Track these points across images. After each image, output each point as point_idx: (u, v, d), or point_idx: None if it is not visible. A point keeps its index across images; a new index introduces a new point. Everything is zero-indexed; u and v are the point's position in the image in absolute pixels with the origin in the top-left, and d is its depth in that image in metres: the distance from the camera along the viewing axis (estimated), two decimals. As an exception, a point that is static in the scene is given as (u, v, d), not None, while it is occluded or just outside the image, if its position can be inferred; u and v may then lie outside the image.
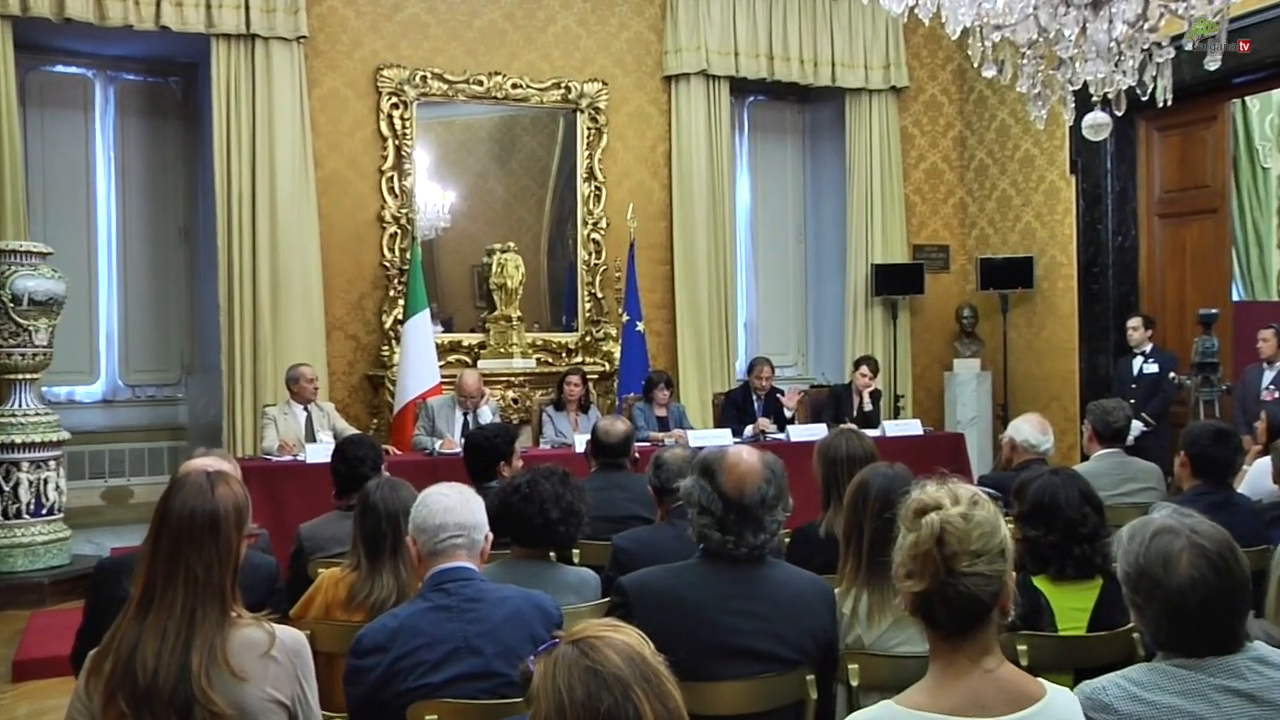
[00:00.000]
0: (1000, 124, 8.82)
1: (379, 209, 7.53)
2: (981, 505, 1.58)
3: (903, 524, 1.60)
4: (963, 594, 1.52)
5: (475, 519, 2.26)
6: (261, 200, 7.01)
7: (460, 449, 5.70)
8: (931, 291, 8.94)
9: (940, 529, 1.54)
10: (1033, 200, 8.55)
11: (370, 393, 7.52)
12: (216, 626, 1.83)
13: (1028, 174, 8.58)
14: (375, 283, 7.55)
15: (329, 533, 3.37)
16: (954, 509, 1.56)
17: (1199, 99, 7.06)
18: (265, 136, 7.01)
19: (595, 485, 3.67)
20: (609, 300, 8.16)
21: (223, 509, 1.88)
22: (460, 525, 2.22)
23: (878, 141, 8.76)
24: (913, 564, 1.54)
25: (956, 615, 1.54)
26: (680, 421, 6.90)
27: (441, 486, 2.30)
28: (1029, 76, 3.66)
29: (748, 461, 2.26)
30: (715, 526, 2.22)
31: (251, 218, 7.00)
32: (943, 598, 1.53)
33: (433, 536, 2.21)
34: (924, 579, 1.54)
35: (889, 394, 8.52)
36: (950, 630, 1.55)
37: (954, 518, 1.55)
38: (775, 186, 9.39)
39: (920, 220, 9.13)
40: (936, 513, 1.56)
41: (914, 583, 1.54)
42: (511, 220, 8.13)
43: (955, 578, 1.53)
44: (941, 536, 1.53)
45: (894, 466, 2.61)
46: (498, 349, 7.58)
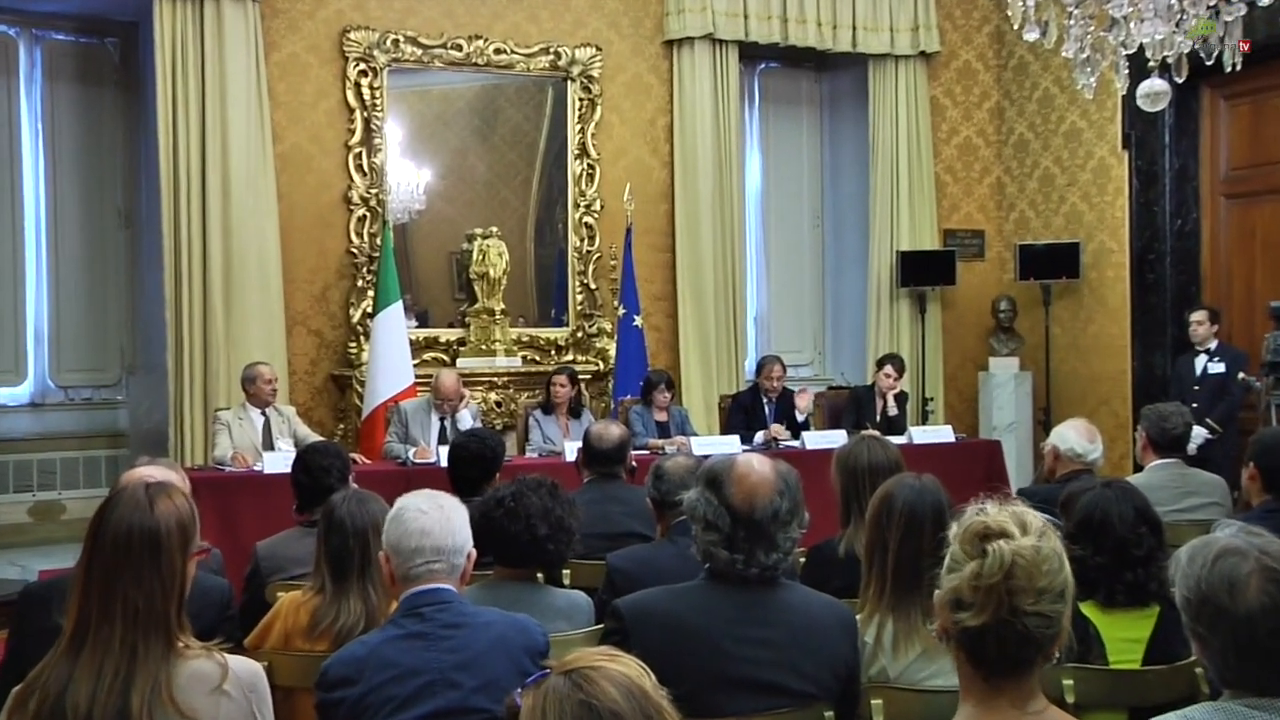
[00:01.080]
0: (1043, 93, 8.82)
1: (345, 189, 7.52)
2: (1048, 536, 1.58)
3: (960, 547, 1.59)
4: (1019, 634, 1.52)
5: (456, 540, 2.24)
6: (212, 179, 6.99)
7: (436, 458, 5.76)
8: (964, 282, 8.93)
9: (1011, 561, 1.53)
10: (1079, 179, 8.55)
11: (336, 395, 7.50)
12: (161, 661, 1.81)
13: (1074, 150, 8.57)
14: (341, 272, 7.54)
15: (289, 552, 3.36)
16: (1025, 539, 1.56)
17: (1273, 62, 7.01)
18: (216, 107, 6.99)
19: (588, 498, 3.68)
20: (603, 292, 8.15)
21: (164, 527, 1.86)
22: (438, 550, 2.21)
23: (904, 114, 8.75)
24: (973, 595, 1.53)
25: (1009, 656, 1.53)
26: (682, 427, 6.90)
27: (418, 498, 2.28)
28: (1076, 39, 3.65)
29: (759, 472, 2.27)
30: (722, 544, 2.22)
31: (201, 198, 6.99)
32: (998, 636, 1.52)
33: (406, 560, 2.21)
34: (984, 613, 1.52)
35: (916, 397, 8.51)
36: (996, 670, 1.54)
37: (1026, 549, 1.54)
38: (789, 164, 9.38)
39: (952, 202, 9.12)
40: (1005, 541, 1.55)
41: (969, 615, 1.53)
42: (494, 202, 8.11)
43: (1017, 616, 1.52)
44: (1011, 569, 1.53)
45: (922, 478, 2.60)
46: (479, 346, 7.57)
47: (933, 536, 2.35)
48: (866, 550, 2.55)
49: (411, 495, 2.30)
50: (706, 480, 2.29)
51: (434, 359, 7.61)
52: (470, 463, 3.89)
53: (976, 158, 9.16)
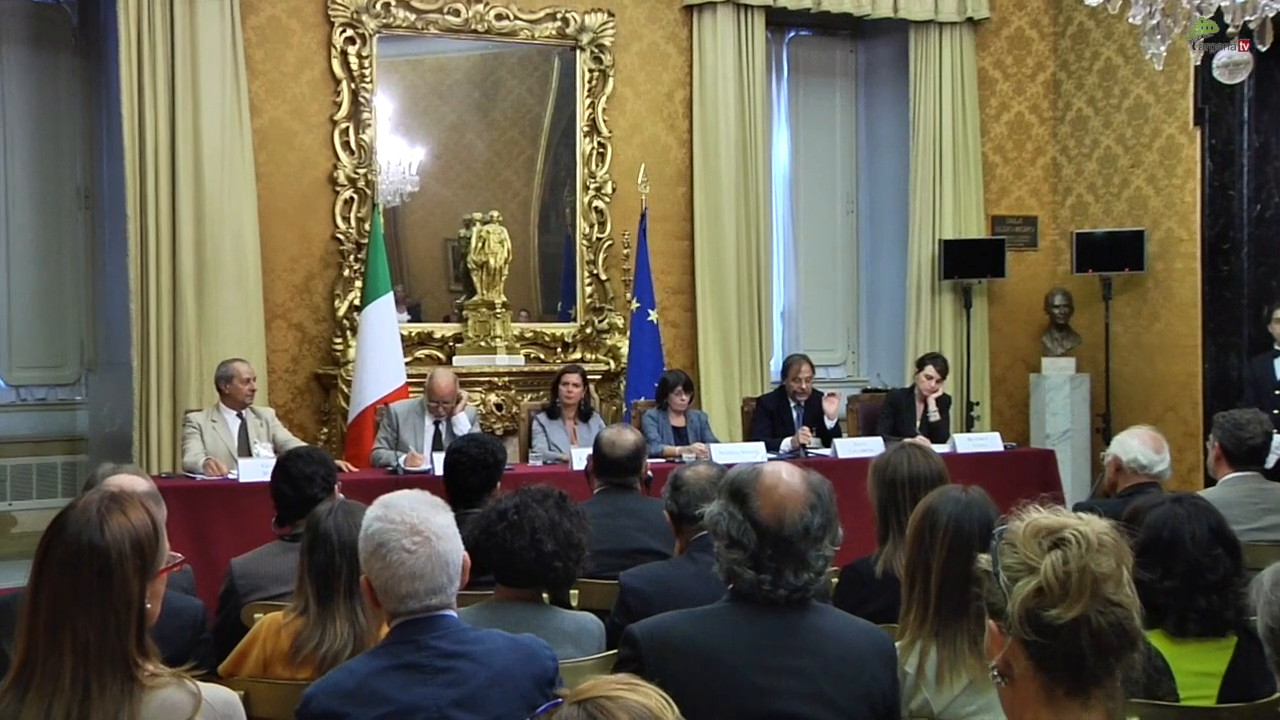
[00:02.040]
0: (1105, 64, 8.78)
1: (330, 169, 7.52)
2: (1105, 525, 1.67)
3: (1024, 551, 1.63)
4: (1114, 624, 1.58)
5: (450, 571, 2.20)
6: (183, 156, 7.00)
7: (430, 465, 5.76)
8: (1015, 274, 8.90)
9: (1097, 542, 1.61)
10: (1145, 160, 8.50)
11: (319, 396, 7.52)
12: (120, 698, 1.79)
13: (1139, 127, 8.53)
14: (326, 260, 7.55)
15: (268, 569, 3.37)
16: (1087, 527, 1.63)
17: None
18: (186, 75, 7.00)
19: (598, 510, 3.65)
20: (615, 283, 8.15)
21: (115, 550, 1.83)
22: (431, 590, 2.17)
23: (949, 87, 8.72)
24: (1062, 587, 1.58)
25: (1106, 648, 1.58)
26: (702, 433, 6.89)
27: (402, 524, 2.17)
28: (1144, 3, 3.62)
29: (787, 483, 2.26)
30: (748, 563, 2.22)
31: (170, 178, 7.00)
32: (1092, 629, 1.57)
33: (396, 602, 2.18)
34: (1078, 602, 1.58)
35: (960, 401, 8.49)
36: (1085, 675, 1.59)
37: (1103, 531, 1.62)
38: (821, 143, 9.35)
39: (1001, 186, 9.09)
40: (1073, 530, 1.62)
41: (1061, 610, 1.58)
42: (495, 184, 8.11)
43: (1108, 605, 1.58)
44: (1098, 551, 1.60)
45: (968, 490, 2.60)
46: (477, 342, 7.57)
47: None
48: (907, 570, 2.54)
49: (387, 513, 2.20)
50: (730, 492, 2.29)
51: (428, 357, 7.61)
52: (470, 470, 3.88)
53: (1029, 136, 9.13)
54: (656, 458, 6.10)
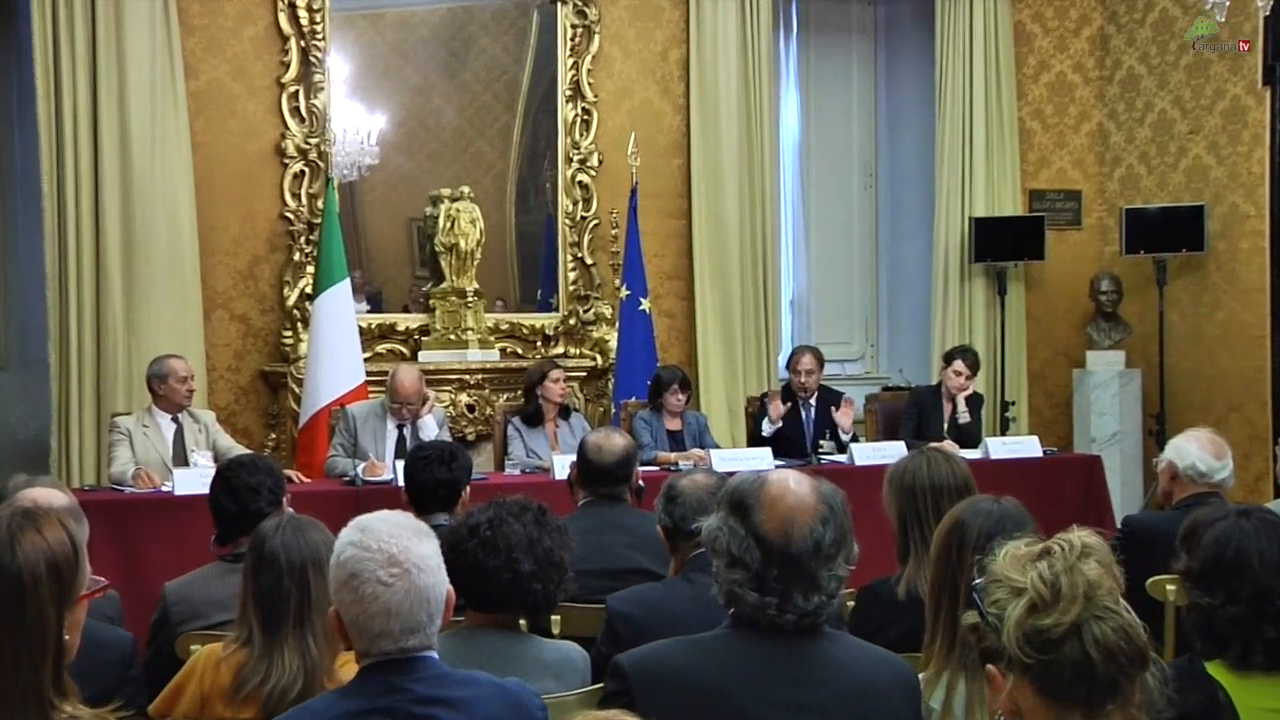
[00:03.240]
0: (1160, 14, 8.79)
1: (278, 138, 7.50)
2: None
3: (1007, 578, 1.72)
4: (1117, 630, 1.67)
5: (432, 607, 2.17)
6: (106, 124, 6.97)
7: (393, 475, 5.75)
8: (1056, 256, 8.91)
9: (1080, 549, 1.71)
10: (1206, 125, 8.51)
11: (266, 396, 7.50)
12: None
13: (1199, 88, 8.54)
14: (273, 242, 7.54)
15: (207, 593, 3.36)
16: (1072, 536, 1.74)
17: None
18: (110, 32, 6.96)
19: (583, 525, 3.67)
20: (602, 268, 8.14)
21: (27, 573, 1.82)
22: (410, 630, 2.15)
23: (981, 44, 8.72)
24: (1051, 592, 1.68)
25: (1113, 654, 1.66)
26: (700, 437, 6.90)
27: (377, 553, 2.15)
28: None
29: (795, 493, 2.26)
30: (751, 584, 2.22)
31: (92, 148, 6.97)
32: (1095, 635, 1.66)
33: (370, 642, 2.16)
34: (1073, 606, 1.66)
35: (993, 400, 8.49)
36: (1098, 686, 1.66)
37: (1090, 542, 1.73)
38: (835, 109, 9.35)
39: (1041, 155, 9.09)
40: (1055, 542, 1.72)
41: (1055, 616, 1.66)
42: (465, 156, 8.09)
43: (1106, 613, 1.67)
44: (1084, 555, 1.71)
45: (1001, 502, 2.61)
46: (446, 336, 7.57)
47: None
48: (931, 592, 2.55)
49: (363, 539, 2.18)
50: (730, 503, 2.29)
51: (390, 352, 7.61)
52: (429, 474, 3.93)
53: (1072, 99, 9.13)
54: (649, 465, 6.11)
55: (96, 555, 2.03)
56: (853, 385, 8.52)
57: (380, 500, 5.38)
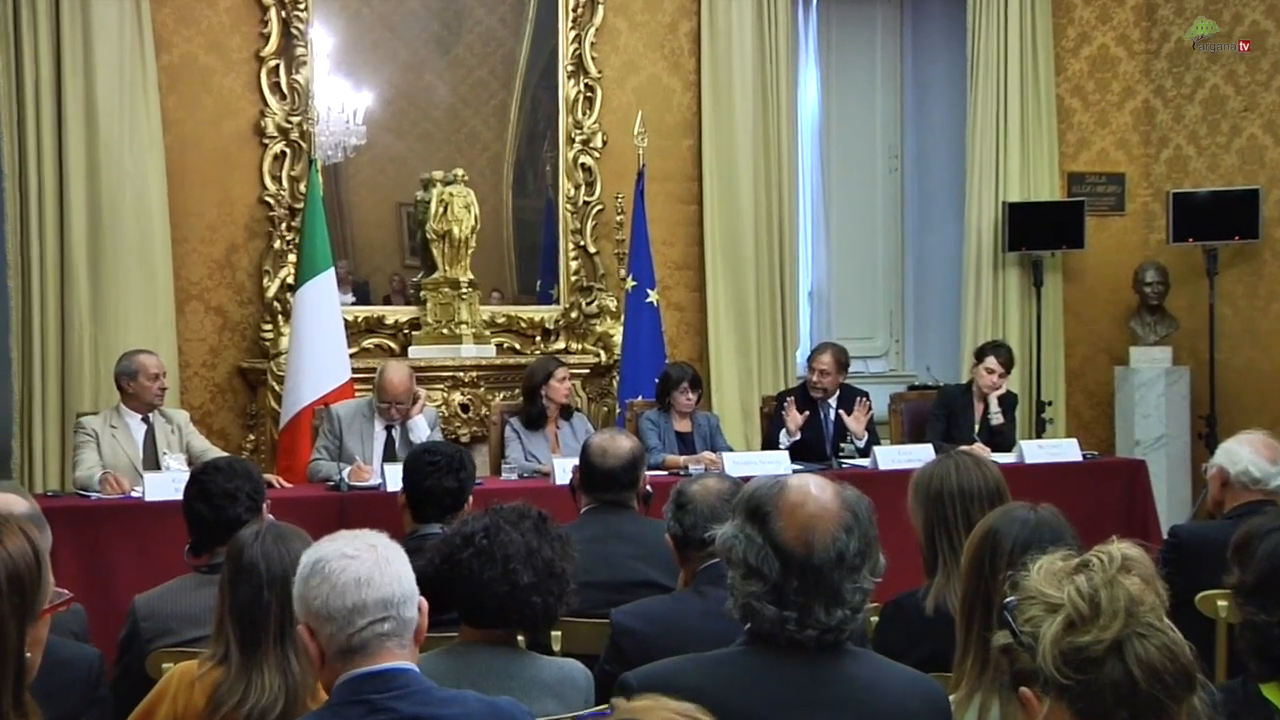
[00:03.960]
0: (1211, -18, 8.77)
1: (257, 117, 7.50)
2: None
3: (1042, 594, 1.71)
4: (1162, 650, 1.65)
5: (402, 586, 2.24)
6: (71, 102, 6.97)
7: (380, 479, 5.75)
8: (1096, 244, 8.89)
9: (1121, 562, 1.70)
10: (1262, 102, 8.49)
11: (244, 395, 7.51)
12: None
13: (1255, 62, 8.52)
14: (252, 229, 7.53)
15: (180, 608, 3.35)
16: (1111, 548, 1.73)
17: None
18: (75, 2, 6.94)
19: (587, 534, 3.66)
20: (606, 257, 8.14)
21: None
22: (384, 602, 2.20)
23: (1016, 14, 8.71)
24: (1091, 608, 1.67)
25: (1158, 673, 1.64)
26: (712, 439, 6.89)
27: (340, 541, 2.27)
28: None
29: (817, 499, 2.27)
30: (769, 597, 2.22)
31: (55, 128, 6.96)
32: (1137, 653, 1.65)
33: (344, 626, 2.19)
34: (1114, 622, 1.65)
35: (1029, 400, 8.48)
36: (1144, 702, 1.64)
37: (1130, 555, 1.72)
38: (858, 84, 9.35)
39: (1081, 135, 9.08)
40: (1093, 555, 1.72)
41: (1095, 633, 1.65)
42: (459, 136, 8.08)
43: (1149, 631, 1.65)
44: (1126, 567, 1.70)
45: (1037, 510, 2.61)
46: (439, 330, 7.56)
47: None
48: (962, 607, 2.55)
49: (324, 542, 2.29)
50: (747, 510, 2.29)
51: (378, 347, 7.60)
52: (433, 478, 3.92)
53: (1116, 74, 9.11)
54: (657, 469, 6.09)
55: (60, 566, 2.03)
56: (876, 384, 8.50)
57: (367, 507, 5.41)
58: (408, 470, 4.09)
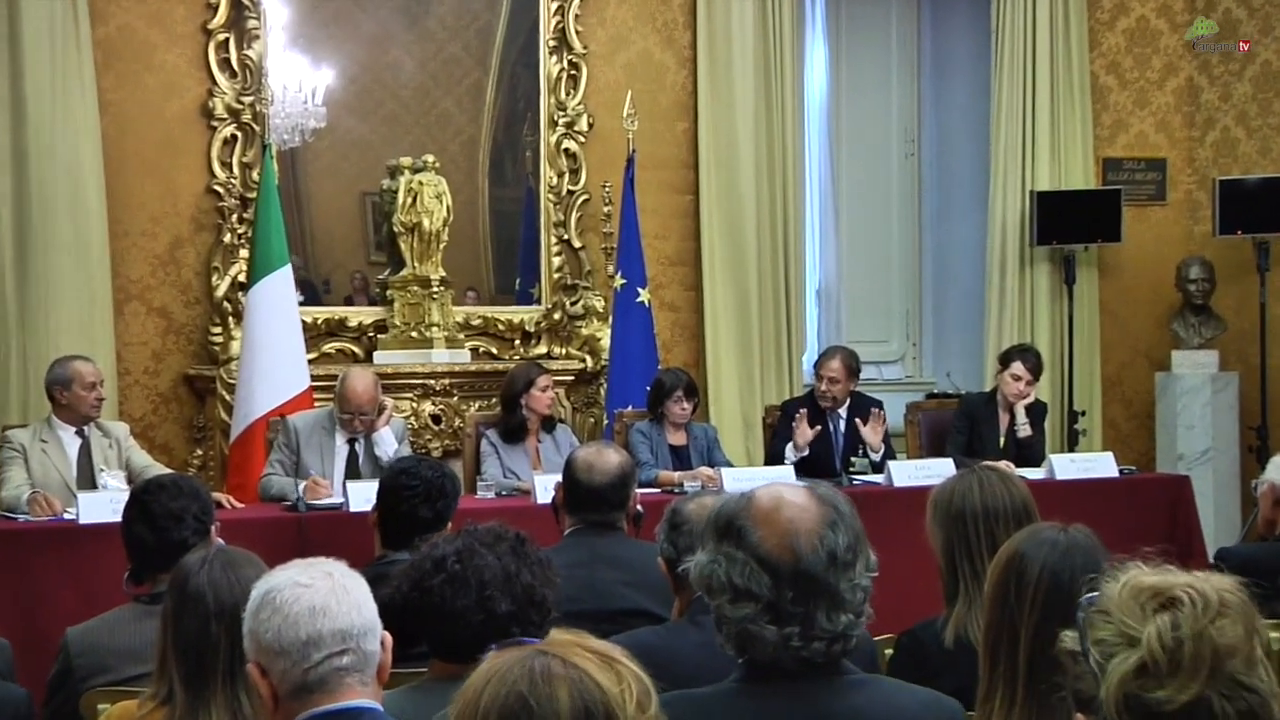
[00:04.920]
0: (1261, -54, 8.80)
1: (204, 97, 7.48)
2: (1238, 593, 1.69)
3: (1121, 616, 1.64)
4: (1243, 713, 1.58)
5: (362, 616, 2.24)
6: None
7: (342, 498, 5.74)
8: (1135, 238, 8.92)
9: (1216, 608, 1.62)
10: (1318, 79, 8.54)
11: (191, 405, 7.49)
12: None
13: (1310, 35, 8.57)
14: (199, 221, 7.52)
15: (118, 642, 3.34)
16: (1207, 585, 1.64)
17: None
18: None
19: (571, 558, 3.68)
20: (592, 253, 8.14)
21: None
22: (342, 633, 2.20)
23: (1045, -15, 8.74)
24: (1171, 661, 1.60)
25: None
26: (709, 453, 6.89)
27: (293, 570, 2.28)
28: None
29: (791, 502, 2.29)
30: (766, 617, 2.22)
31: (-19, 110, 6.98)
32: (1213, 716, 1.59)
33: (298, 661, 2.19)
34: (1194, 681, 1.59)
35: (1059, 409, 8.49)
36: None
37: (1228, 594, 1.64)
38: (872, 62, 9.37)
39: (1117, 117, 9.09)
40: (1186, 589, 1.64)
41: (1172, 690, 1.59)
42: (429, 119, 8.08)
43: (1235, 689, 1.58)
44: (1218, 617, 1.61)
45: (1069, 531, 2.60)
46: (407, 333, 7.56)
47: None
48: (985, 638, 2.54)
49: (276, 572, 2.30)
50: (718, 530, 2.30)
51: (339, 352, 7.60)
52: (413, 497, 3.93)
53: (1156, 49, 9.13)
54: (649, 486, 6.10)
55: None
56: (891, 392, 8.51)
57: (328, 528, 5.39)
58: (383, 489, 4.09)
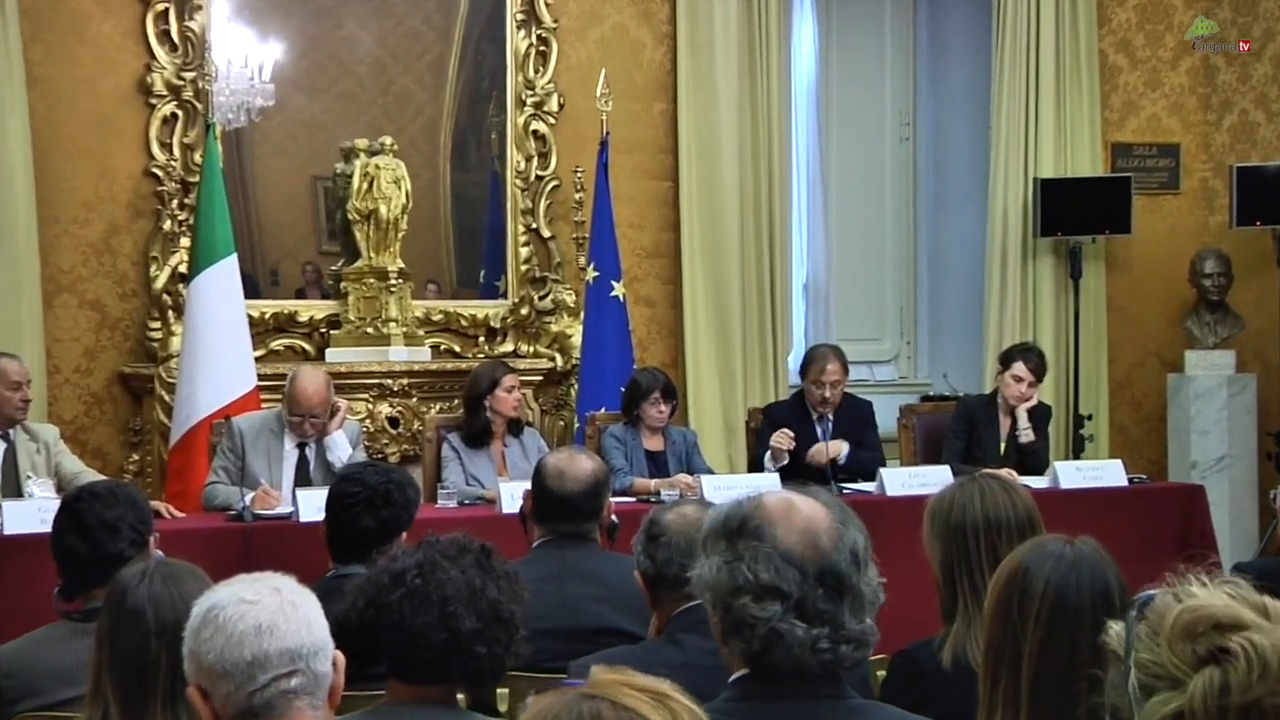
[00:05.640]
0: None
1: (142, 72, 7.47)
2: None
3: (1170, 653, 1.62)
4: None
5: (312, 635, 2.25)
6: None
7: (292, 507, 5.71)
8: (1145, 229, 8.94)
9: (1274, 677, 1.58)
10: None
11: (127, 407, 7.48)
12: None
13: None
14: (136, 207, 7.50)
15: (48, 662, 3.33)
16: (1268, 639, 1.61)
17: None
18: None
19: (540, 572, 3.68)
20: (563, 243, 8.14)
21: None
22: (290, 653, 2.20)
23: (1050, -43, 8.77)
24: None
25: None
26: (689, 459, 6.89)
27: (238, 586, 2.28)
28: None
29: (801, 503, 2.35)
30: (795, 613, 2.26)
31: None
32: None
33: (243, 683, 2.18)
34: None
35: (1064, 413, 8.53)
36: None
37: None
38: (863, 41, 9.39)
39: (1127, 99, 9.13)
40: (1249, 634, 1.60)
41: None
42: (387, 97, 8.07)
43: None
44: (1266, 673, 1.58)
45: (1075, 544, 2.60)
46: (362, 329, 7.55)
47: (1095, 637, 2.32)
48: (985, 658, 2.54)
49: (219, 588, 2.30)
50: (729, 533, 2.33)
51: (289, 349, 7.60)
52: (365, 505, 3.91)
53: (1169, 25, 9.16)
54: (623, 495, 6.10)
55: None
56: (884, 393, 8.54)
57: (277, 540, 5.38)
58: (327, 500, 4.09)
